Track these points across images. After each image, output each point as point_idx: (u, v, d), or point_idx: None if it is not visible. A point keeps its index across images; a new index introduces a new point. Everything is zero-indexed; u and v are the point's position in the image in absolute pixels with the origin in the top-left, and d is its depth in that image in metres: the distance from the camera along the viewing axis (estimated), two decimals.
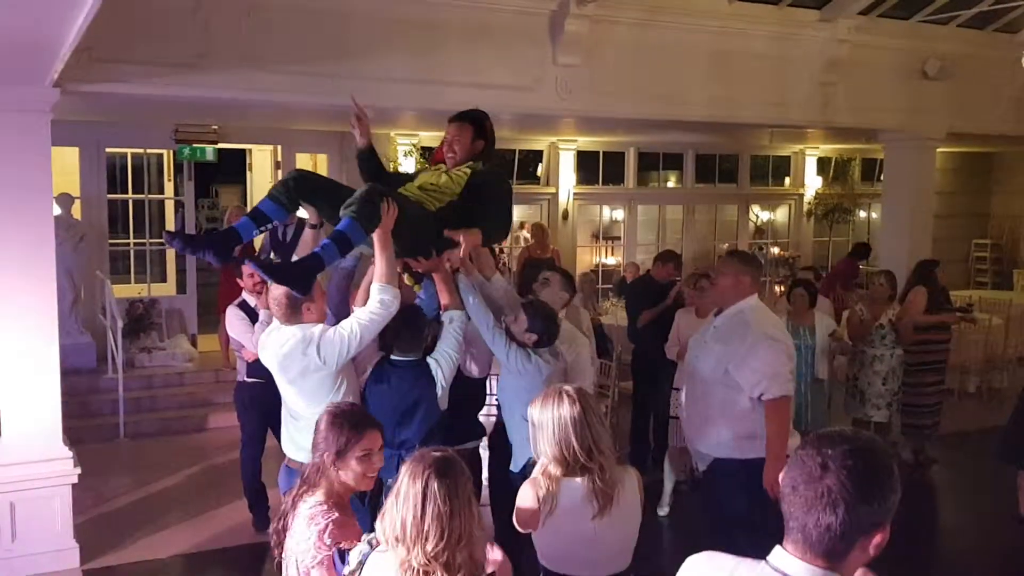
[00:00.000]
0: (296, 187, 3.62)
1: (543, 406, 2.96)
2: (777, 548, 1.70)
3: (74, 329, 8.89)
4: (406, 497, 2.29)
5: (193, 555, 5.87)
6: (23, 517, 5.42)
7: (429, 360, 3.92)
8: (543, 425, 2.95)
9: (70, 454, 5.58)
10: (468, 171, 4.05)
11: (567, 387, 3.03)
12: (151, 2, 5.47)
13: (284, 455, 4.04)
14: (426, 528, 2.24)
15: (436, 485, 2.27)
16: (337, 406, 2.98)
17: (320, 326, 3.71)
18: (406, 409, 3.91)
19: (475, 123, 4.13)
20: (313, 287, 3.60)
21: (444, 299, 3.97)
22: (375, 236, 3.56)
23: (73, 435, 5.92)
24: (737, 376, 4.16)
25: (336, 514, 2.65)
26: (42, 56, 4.22)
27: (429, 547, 2.23)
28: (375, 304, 3.63)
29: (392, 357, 3.98)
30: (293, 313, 3.68)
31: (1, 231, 5.30)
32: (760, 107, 7.99)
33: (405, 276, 4.20)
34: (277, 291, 3.62)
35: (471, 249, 3.97)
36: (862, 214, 14.98)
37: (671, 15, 7.17)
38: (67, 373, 6.42)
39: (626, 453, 6.86)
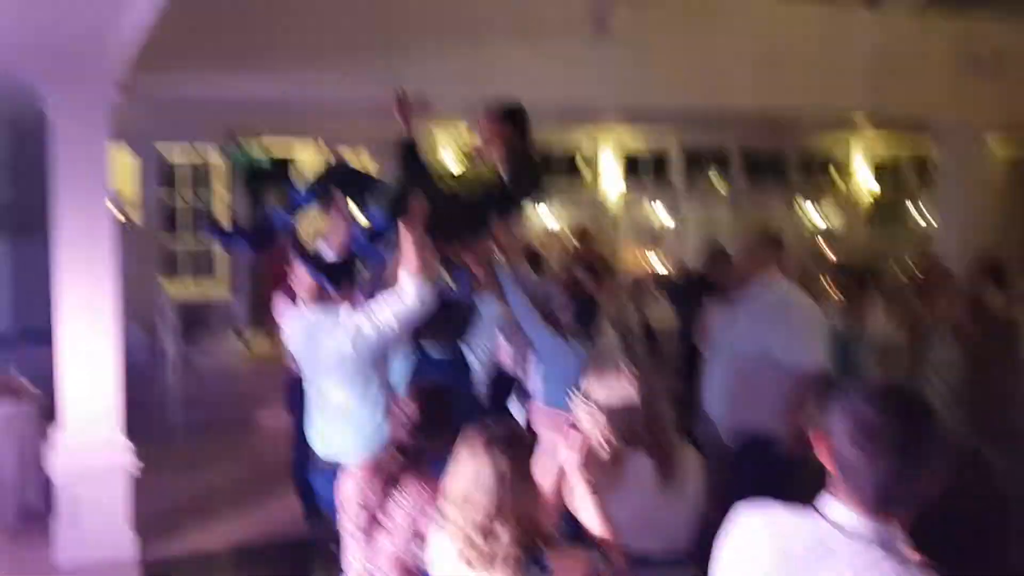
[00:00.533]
0: (330, 175, 3.73)
1: (602, 381, 2.87)
2: (830, 499, 1.67)
3: (130, 328, 9.06)
4: (465, 469, 2.28)
5: (246, 547, 5.95)
6: (85, 507, 5.54)
7: (467, 353, 3.85)
8: (604, 399, 2.85)
9: (130, 445, 5.69)
10: (505, 159, 4.03)
11: (624, 361, 3.00)
12: (206, 2, 5.57)
13: None
14: (489, 501, 2.21)
15: (497, 458, 2.24)
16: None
17: (347, 311, 3.68)
18: None
19: (508, 115, 4.11)
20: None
21: (481, 284, 3.95)
22: (406, 226, 3.53)
23: (129, 430, 6.04)
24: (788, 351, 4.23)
25: None
26: (105, 57, 4.32)
27: (492, 522, 2.19)
28: (411, 298, 3.54)
29: (429, 352, 3.88)
30: (320, 293, 3.71)
31: (64, 229, 5.45)
32: (806, 96, 7.87)
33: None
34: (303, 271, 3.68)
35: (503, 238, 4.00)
36: (916, 213, 14.68)
37: (718, 3, 7.10)
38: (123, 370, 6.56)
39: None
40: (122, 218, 9.03)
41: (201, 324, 9.83)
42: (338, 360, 3.62)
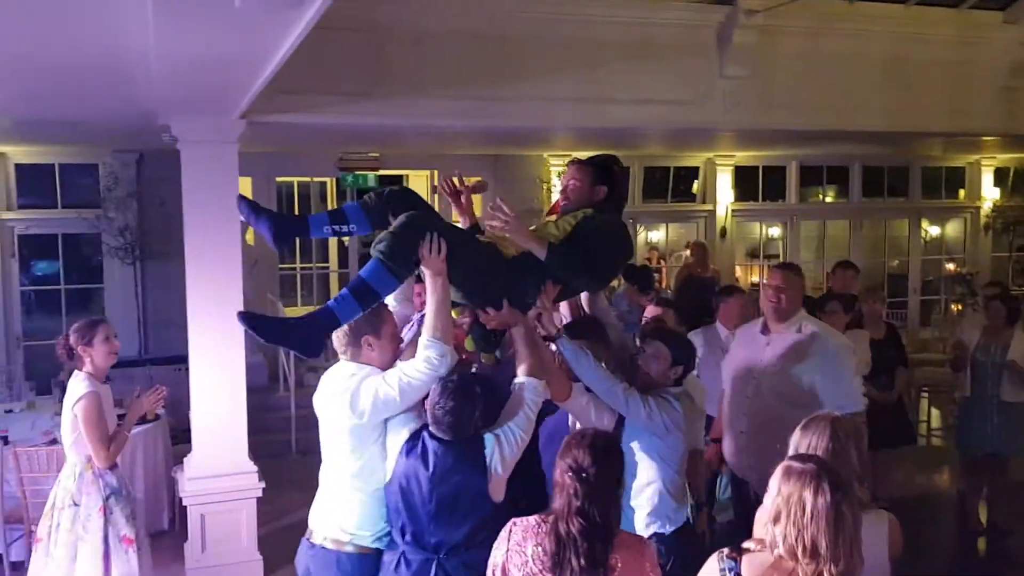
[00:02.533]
0: (390, 198, 3.17)
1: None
2: None
3: (248, 350, 9.31)
4: (813, 512, 2.26)
5: None
6: (212, 529, 5.70)
7: (486, 437, 3.06)
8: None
9: (255, 468, 5.83)
10: (578, 218, 3.40)
11: (825, 467, 2.41)
12: (329, 34, 5.66)
13: None
14: (838, 548, 2.24)
15: (843, 501, 2.26)
16: None
17: (370, 369, 3.16)
18: (442, 499, 3.04)
19: (597, 167, 3.53)
20: (329, 342, 3.14)
21: (523, 361, 3.19)
22: (427, 279, 3.06)
23: (250, 452, 6.17)
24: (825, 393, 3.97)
25: None
26: (238, 92, 4.43)
27: (837, 568, 2.23)
28: (421, 363, 3.05)
29: (431, 428, 3.12)
30: (349, 344, 3.17)
31: (194, 257, 5.63)
32: (939, 116, 7.51)
33: (467, 341, 3.61)
34: None
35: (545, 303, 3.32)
36: None
37: (843, 22, 6.84)
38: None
39: None
40: (243, 245, 9.32)
41: None
42: (340, 416, 3.16)
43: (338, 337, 3.16)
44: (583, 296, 3.82)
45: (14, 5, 3.16)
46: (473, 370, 3.71)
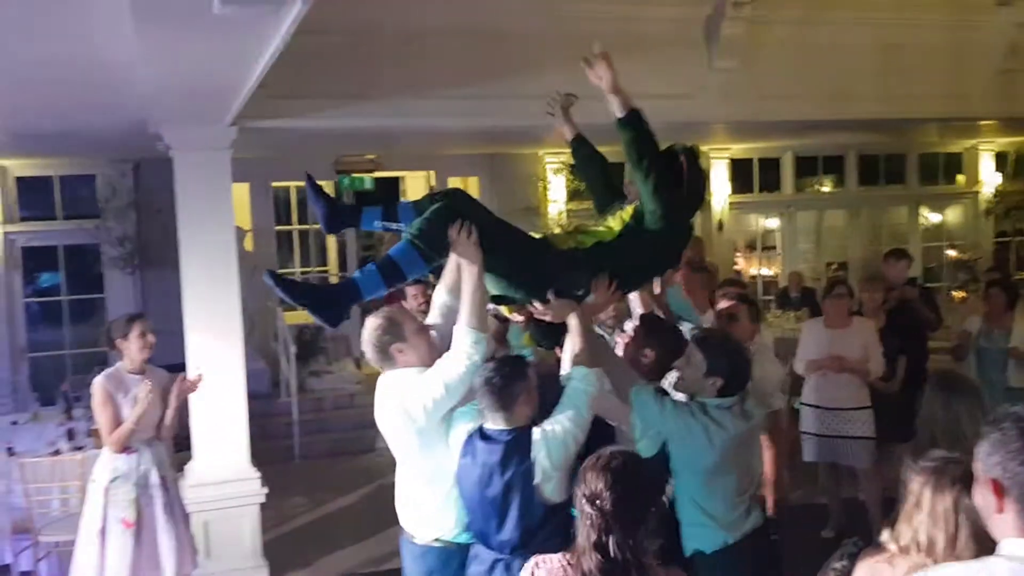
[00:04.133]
0: (440, 199, 3.12)
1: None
2: (1008, 540, 1.67)
3: (249, 356, 9.31)
4: (932, 511, 2.18)
5: (369, 574, 5.99)
6: (216, 535, 5.71)
7: (535, 432, 2.95)
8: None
9: (257, 474, 5.84)
10: (635, 207, 3.29)
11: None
12: (319, 37, 5.67)
13: None
14: (958, 547, 2.13)
15: (966, 501, 2.10)
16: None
17: (414, 372, 3.14)
18: (493, 500, 2.97)
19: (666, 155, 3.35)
20: (381, 320, 3.14)
21: (573, 351, 3.09)
22: (462, 267, 3.03)
23: (253, 457, 6.19)
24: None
25: None
26: (226, 98, 4.45)
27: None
28: (458, 353, 3.01)
29: (484, 424, 3.05)
30: (382, 358, 3.17)
31: (190, 265, 5.65)
32: (936, 101, 7.46)
33: (524, 337, 3.64)
34: (365, 330, 3.19)
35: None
36: None
37: (834, 10, 6.82)
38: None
39: None
40: (241, 252, 9.33)
41: (317, 350, 10.05)
42: (399, 426, 3.15)
43: (370, 354, 3.18)
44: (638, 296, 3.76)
45: None
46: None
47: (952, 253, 13.43)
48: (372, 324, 3.18)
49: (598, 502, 2.33)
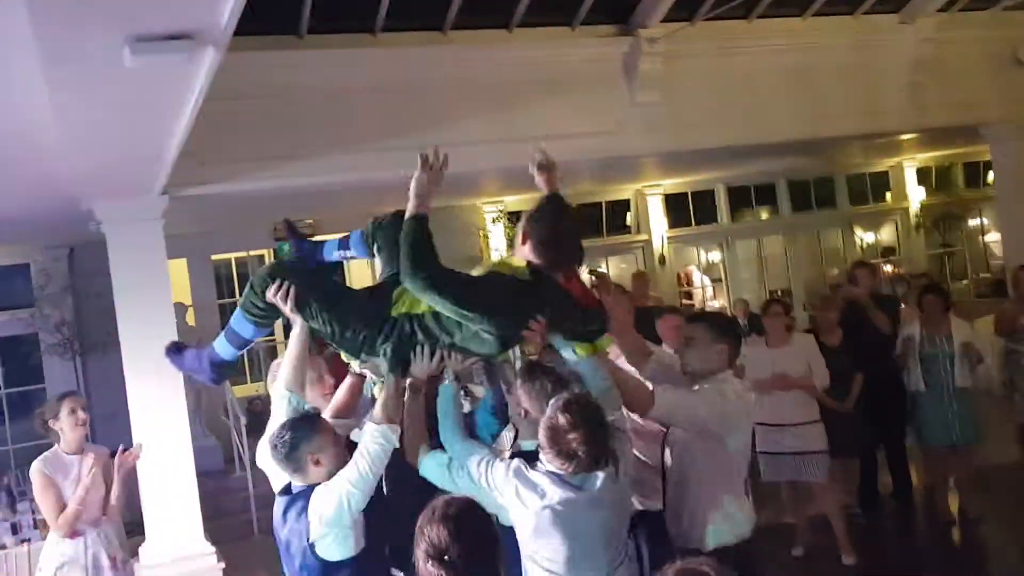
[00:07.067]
0: (379, 228, 3.18)
1: None
2: None
3: (199, 433, 9.13)
4: None
5: None
6: None
7: (316, 488, 2.82)
8: None
9: (213, 549, 5.68)
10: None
11: None
12: (246, 101, 5.70)
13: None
14: None
15: None
16: None
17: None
18: (284, 553, 2.94)
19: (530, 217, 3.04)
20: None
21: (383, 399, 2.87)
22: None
23: (210, 536, 6.02)
24: None
25: None
26: (151, 162, 4.43)
27: None
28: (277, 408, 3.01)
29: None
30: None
31: (128, 340, 5.56)
32: (851, 119, 7.76)
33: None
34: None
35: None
36: (973, 222, 14.33)
37: (744, 40, 7.09)
38: (197, 476, 6.57)
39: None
40: (183, 327, 9.20)
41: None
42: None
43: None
44: None
45: None
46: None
47: (888, 269, 13.77)
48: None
49: (446, 557, 2.06)
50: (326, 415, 3.12)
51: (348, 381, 3.25)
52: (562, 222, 3.01)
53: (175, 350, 3.27)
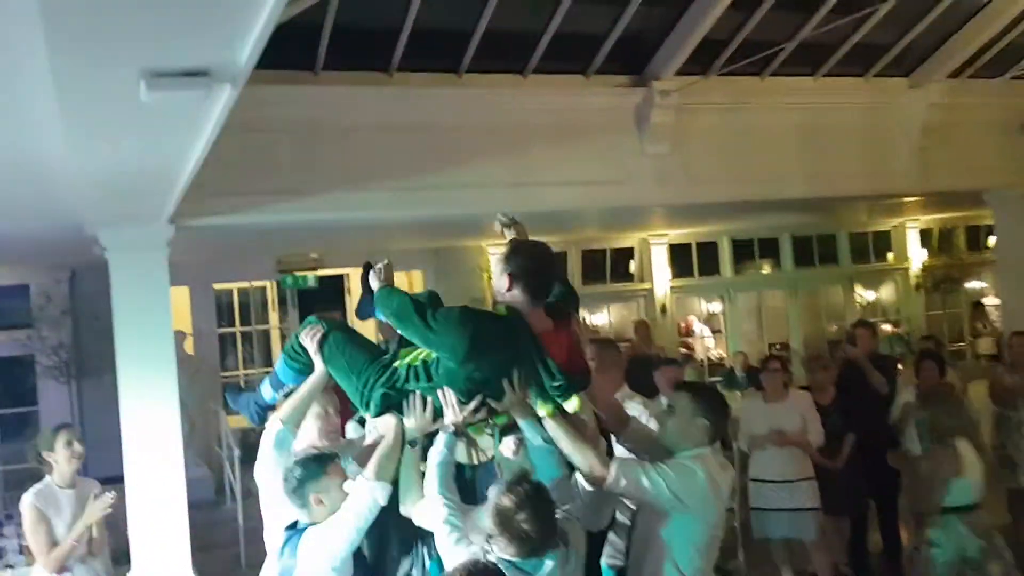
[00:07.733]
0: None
1: None
2: None
3: (191, 462, 9.04)
4: None
5: None
6: None
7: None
8: None
9: None
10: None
11: None
12: (258, 135, 5.73)
13: None
14: None
15: None
16: None
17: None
18: None
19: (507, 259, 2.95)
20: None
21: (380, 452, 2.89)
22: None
23: (197, 569, 5.93)
24: None
25: None
26: (161, 193, 4.43)
27: None
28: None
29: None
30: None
31: (126, 367, 5.51)
32: (858, 179, 7.82)
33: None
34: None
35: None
36: (973, 284, 14.36)
37: (757, 96, 7.15)
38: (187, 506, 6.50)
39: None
40: (182, 355, 9.15)
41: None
42: None
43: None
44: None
45: None
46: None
47: (888, 328, 13.76)
48: None
49: None
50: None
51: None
52: (537, 246, 3.04)
53: (236, 390, 3.63)
